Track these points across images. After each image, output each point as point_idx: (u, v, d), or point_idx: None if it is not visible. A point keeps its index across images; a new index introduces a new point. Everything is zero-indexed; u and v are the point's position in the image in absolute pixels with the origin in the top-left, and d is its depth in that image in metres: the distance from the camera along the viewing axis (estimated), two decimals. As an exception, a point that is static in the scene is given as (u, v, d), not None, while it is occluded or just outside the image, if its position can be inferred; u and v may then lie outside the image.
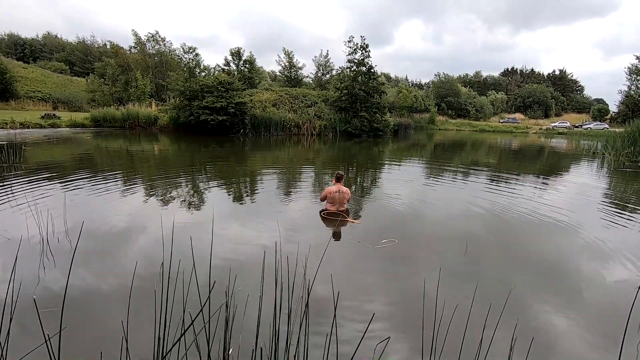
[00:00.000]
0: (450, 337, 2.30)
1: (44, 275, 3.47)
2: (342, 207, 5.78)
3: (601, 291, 3.60)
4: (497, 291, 3.42)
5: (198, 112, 23.25)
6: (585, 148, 21.10)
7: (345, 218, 5.51)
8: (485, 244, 4.90)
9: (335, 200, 5.70)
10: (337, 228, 5.21)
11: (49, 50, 63.34)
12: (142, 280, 3.27)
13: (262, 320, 1.99)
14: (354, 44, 27.78)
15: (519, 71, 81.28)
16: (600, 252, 4.60)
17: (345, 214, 5.65)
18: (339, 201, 5.71)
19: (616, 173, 11.76)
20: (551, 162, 16.06)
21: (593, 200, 7.60)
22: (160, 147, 17.00)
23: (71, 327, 2.67)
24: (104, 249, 4.24)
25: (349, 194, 5.81)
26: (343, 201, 5.75)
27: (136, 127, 26.93)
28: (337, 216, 5.57)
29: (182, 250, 3.62)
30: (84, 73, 50.88)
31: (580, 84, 77.55)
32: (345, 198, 5.75)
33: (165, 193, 7.15)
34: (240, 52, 36.59)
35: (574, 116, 62.17)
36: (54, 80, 46.40)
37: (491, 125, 51.88)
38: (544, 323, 2.97)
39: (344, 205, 5.82)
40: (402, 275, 3.85)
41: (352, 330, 2.75)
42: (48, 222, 4.67)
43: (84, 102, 38.84)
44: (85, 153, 13.80)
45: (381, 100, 29.11)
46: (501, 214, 6.18)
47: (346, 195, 5.73)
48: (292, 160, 13.97)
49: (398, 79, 75.01)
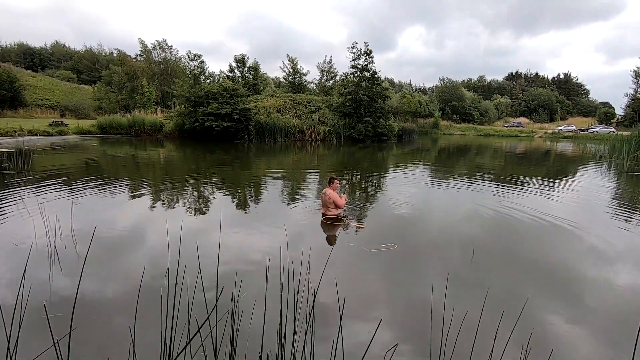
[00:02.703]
0: (460, 345, 2.27)
1: (52, 280, 3.49)
2: (327, 210, 5.80)
3: (611, 298, 3.54)
4: (505, 299, 3.39)
5: (203, 119, 23.43)
6: (591, 152, 20.91)
7: (335, 222, 5.54)
8: (491, 249, 4.86)
9: (322, 202, 5.92)
10: (335, 233, 5.21)
11: (57, 59, 64.31)
12: (149, 286, 3.28)
13: (267, 326, 1.98)
14: (358, 50, 27.91)
15: (523, 75, 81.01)
16: (609, 258, 4.54)
17: (335, 217, 5.67)
18: (323, 204, 5.87)
19: (623, 177, 11.63)
20: (557, 166, 15.93)
21: (600, 205, 7.51)
22: (166, 154, 17.13)
23: (79, 332, 2.69)
24: (111, 254, 4.26)
25: (331, 198, 5.74)
26: (325, 204, 5.80)
27: (142, 133, 27.19)
28: (327, 219, 5.65)
29: (188, 256, 3.63)
30: (91, 81, 51.54)
31: (585, 87, 77.12)
32: (327, 201, 5.77)
33: (171, 199, 7.19)
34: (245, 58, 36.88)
35: (580, 120, 61.77)
36: (62, 88, 47.05)
37: (496, 130, 51.65)
38: (554, 332, 2.93)
39: (330, 209, 5.78)
40: (408, 281, 3.82)
41: (358, 337, 2.73)
42: (56, 228, 4.71)
43: (91, 109, 39.33)
44: (91, 160, 13.95)
45: (385, 105, 29.13)
46: (507, 219, 6.13)
47: (327, 198, 5.74)
48: (297, 165, 14.00)
49: (402, 84, 75.06)
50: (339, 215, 5.81)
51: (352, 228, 5.41)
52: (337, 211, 5.85)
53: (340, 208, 5.88)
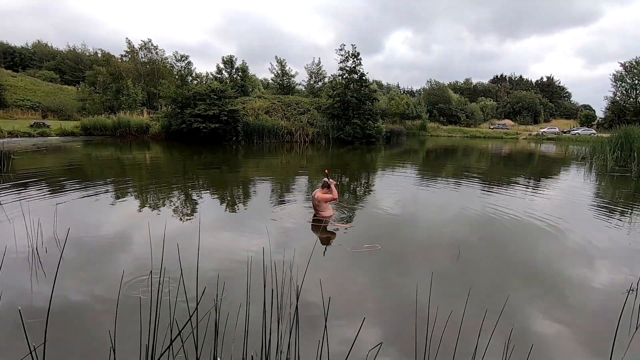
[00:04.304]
0: (444, 343, 2.29)
1: (32, 285, 3.39)
2: (318, 213, 5.80)
3: (591, 295, 3.63)
4: (489, 297, 3.44)
5: (190, 120, 23.16)
6: (574, 153, 21.44)
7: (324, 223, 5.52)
8: (477, 249, 4.92)
9: (312, 205, 5.94)
10: (323, 233, 5.21)
11: (39, 58, 62.67)
12: (130, 289, 3.22)
13: (251, 327, 1.97)
14: (346, 52, 28.03)
15: (507, 78, 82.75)
16: (589, 256, 4.66)
17: (325, 219, 5.66)
18: (314, 207, 5.88)
19: (604, 177, 11.97)
20: (541, 167, 16.29)
21: (582, 204, 7.71)
22: (152, 156, 16.88)
23: (58, 338, 2.62)
24: (93, 257, 4.17)
25: (322, 201, 5.71)
26: (318, 208, 5.79)
27: (127, 135, 26.71)
28: (317, 221, 5.62)
29: (171, 259, 3.58)
30: (74, 81, 50.38)
31: (567, 90, 79.38)
32: (318, 205, 5.75)
33: (156, 201, 7.08)
34: (233, 60, 36.70)
35: (563, 122, 63.40)
36: (44, 88, 45.88)
37: (482, 132, 52.53)
38: (535, 329, 2.98)
39: (320, 210, 5.78)
40: (394, 281, 3.84)
41: (343, 336, 2.73)
42: (37, 231, 4.58)
43: (74, 110, 38.43)
44: (75, 162, 13.63)
45: (373, 107, 29.28)
46: (493, 219, 6.23)
47: (317, 202, 5.72)
48: (285, 167, 13.96)
49: (390, 87, 75.78)
50: (329, 217, 5.81)
51: (341, 229, 5.42)
52: (330, 212, 5.87)
53: (336, 199, 5.82)
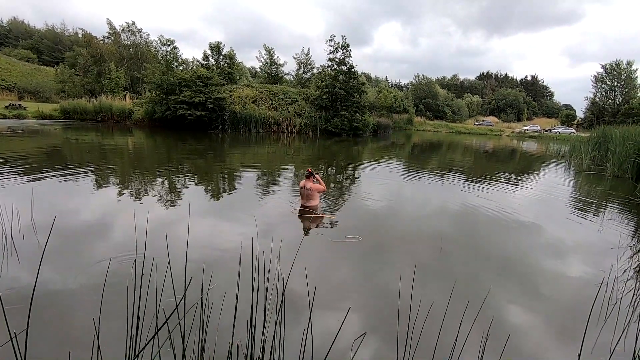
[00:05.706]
0: (425, 333, 2.36)
1: (7, 271, 3.30)
2: (308, 202, 5.95)
3: (566, 287, 3.80)
4: (470, 289, 3.54)
5: (175, 107, 22.69)
6: (554, 151, 22.06)
7: (312, 213, 5.68)
8: (459, 241, 5.05)
9: (302, 195, 6.02)
10: (310, 224, 5.29)
11: (15, 37, 59.89)
12: (115, 278, 3.18)
13: (238, 316, 1.98)
14: (335, 43, 27.86)
15: (493, 76, 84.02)
16: (565, 250, 4.86)
17: (313, 209, 5.84)
18: (305, 197, 5.97)
19: (581, 176, 12.39)
20: (522, 164, 16.71)
21: (559, 201, 7.98)
22: (135, 142, 16.48)
23: (39, 325, 2.57)
24: (74, 244, 4.08)
25: (315, 190, 5.90)
26: (309, 197, 5.94)
27: (109, 120, 26.00)
28: (305, 211, 5.76)
29: (157, 247, 3.55)
30: (53, 62, 48.48)
31: (550, 89, 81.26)
32: (310, 195, 5.91)
33: (139, 188, 6.95)
34: (220, 46, 35.82)
35: (544, 120, 65.00)
36: (20, 68, 43.97)
37: (467, 127, 53.41)
38: (512, 319, 3.11)
39: (311, 201, 5.95)
40: (378, 272, 3.91)
41: (328, 326, 2.78)
42: (13, 217, 4.45)
43: (53, 92, 37.08)
44: (54, 146, 13.19)
45: (361, 100, 29.32)
46: (474, 213, 6.39)
47: (311, 192, 5.89)
48: (272, 157, 13.88)
49: (378, 80, 75.83)
50: (316, 207, 5.90)
51: (326, 220, 5.48)
52: (316, 202, 6.00)
53: (324, 190, 6.09)
